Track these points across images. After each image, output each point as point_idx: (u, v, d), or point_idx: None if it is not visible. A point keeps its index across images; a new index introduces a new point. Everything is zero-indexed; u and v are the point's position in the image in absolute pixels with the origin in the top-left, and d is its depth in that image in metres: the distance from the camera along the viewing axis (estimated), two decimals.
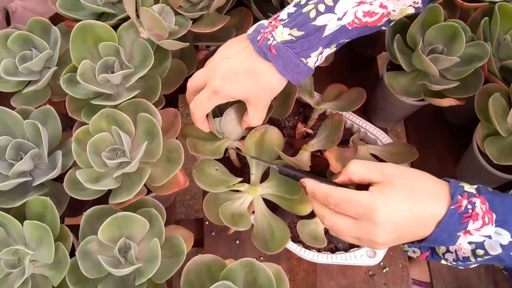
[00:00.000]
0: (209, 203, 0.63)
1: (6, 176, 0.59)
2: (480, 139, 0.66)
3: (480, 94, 0.65)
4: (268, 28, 0.55)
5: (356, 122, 0.73)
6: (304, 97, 0.72)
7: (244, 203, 0.64)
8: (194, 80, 0.60)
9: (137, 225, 0.57)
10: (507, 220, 0.48)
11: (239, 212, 0.62)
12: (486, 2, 0.69)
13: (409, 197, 0.48)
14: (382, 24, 0.58)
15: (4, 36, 0.66)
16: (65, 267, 0.55)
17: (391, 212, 0.47)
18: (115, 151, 0.59)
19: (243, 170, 0.72)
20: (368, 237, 0.49)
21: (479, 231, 0.48)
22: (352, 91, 0.72)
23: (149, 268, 0.54)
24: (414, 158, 0.67)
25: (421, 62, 0.64)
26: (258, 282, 0.53)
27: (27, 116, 0.63)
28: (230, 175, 0.66)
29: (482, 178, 0.73)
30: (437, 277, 0.76)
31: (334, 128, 0.68)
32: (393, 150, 0.69)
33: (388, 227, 0.47)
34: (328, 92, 0.74)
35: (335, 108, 0.71)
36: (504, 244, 0.48)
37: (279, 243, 0.61)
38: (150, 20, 0.60)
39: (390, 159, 0.68)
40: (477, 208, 0.47)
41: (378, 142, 0.72)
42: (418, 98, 0.70)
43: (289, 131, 0.75)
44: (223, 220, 0.60)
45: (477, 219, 0.47)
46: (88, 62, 0.62)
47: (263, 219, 0.63)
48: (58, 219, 0.57)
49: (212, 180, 0.64)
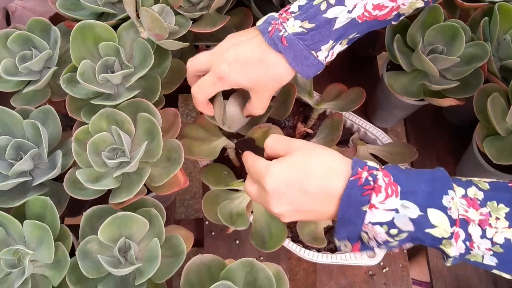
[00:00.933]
0: (208, 202, 0.63)
1: (6, 176, 0.59)
2: (480, 139, 0.66)
3: (479, 94, 0.65)
4: (279, 19, 0.55)
5: (356, 122, 0.73)
6: (303, 97, 0.73)
7: (243, 202, 0.64)
8: (195, 62, 0.59)
9: (137, 225, 0.57)
10: (413, 191, 0.45)
11: (238, 211, 0.63)
12: (486, 2, 0.69)
13: (300, 171, 0.48)
14: (391, 18, 0.58)
15: (4, 36, 0.66)
16: (65, 267, 0.55)
17: (278, 182, 0.48)
18: (115, 151, 0.59)
19: (243, 171, 0.73)
20: (265, 204, 0.50)
21: (384, 204, 0.45)
22: (352, 91, 0.72)
23: (149, 268, 0.54)
24: (413, 157, 0.67)
25: (421, 62, 0.65)
26: (258, 282, 0.53)
27: (27, 116, 0.63)
28: (232, 176, 0.66)
29: (482, 178, 0.73)
30: (437, 277, 0.76)
31: (334, 128, 0.68)
32: (392, 149, 0.69)
33: (276, 197, 0.48)
34: (327, 92, 0.74)
35: (334, 108, 0.71)
36: (413, 217, 0.44)
37: (276, 241, 0.62)
38: (150, 20, 0.60)
39: (389, 159, 0.68)
40: (380, 181, 0.45)
41: (378, 141, 0.72)
42: (418, 98, 0.70)
43: (289, 131, 0.75)
44: (222, 219, 0.60)
45: (380, 191, 0.45)
46: (88, 62, 0.62)
47: (261, 219, 0.64)
48: (58, 219, 0.57)
49: (215, 178, 0.65)
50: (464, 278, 0.75)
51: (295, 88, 0.67)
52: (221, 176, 0.68)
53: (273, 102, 0.70)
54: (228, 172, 0.68)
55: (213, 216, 0.62)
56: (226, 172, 0.68)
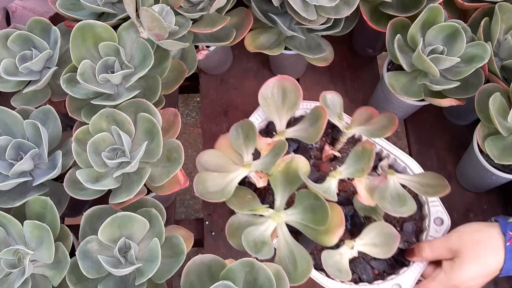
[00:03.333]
0: (232, 227, 0.62)
1: (6, 176, 0.59)
2: (481, 138, 0.66)
3: (480, 93, 0.65)
4: None
5: (386, 148, 0.70)
6: (333, 119, 0.69)
7: (268, 229, 0.61)
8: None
9: (137, 225, 0.57)
10: None
11: (262, 239, 0.60)
12: (486, 2, 0.69)
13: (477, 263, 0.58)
14: None
15: (4, 36, 0.66)
16: (65, 267, 0.55)
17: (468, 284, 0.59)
18: (115, 151, 0.59)
19: (267, 191, 0.70)
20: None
21: None
22: (383, 117, 0.69)
23: (149, 268, 0.54)
24: (445, 191, 0.63)
25: (421, 62, 0.64)
26: (258, 282, 0.52)
27: (27, 116, 0.63)
28: (256, 200, 0.65)
29: (482, 178, 0.73)
30: None
31: (365, 157, 0.65)
32: (423, 181, 0.66)
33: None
34: (357, 115, 0.71)
35: (365, 133, 0.68)
36: None
37: (302, 274, 0.59)
38: (150, 20, 0.60)
39: (421, 191, 0.64)
40: None
41: (408, 170, 0.69)
42: (418, 98, 0.70)
43: (315, 153, 0.72)
44: (246, 247, 0.58)
45: None
46: (88, 62, 0.62)
47: (286, 247, 0.61)
48: (58, 219, 0.57)
49: (240, 202, 0.64)
50: None
51: (325, 111, 0.65)
52: (245, 199, 0.65)
53: (301, 123, 0.69)
54: (252, 196, 0.65)
55: (237, 241, 0.60)
56: (251, 196, 0.65)
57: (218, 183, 0.64)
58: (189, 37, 0.71)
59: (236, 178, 0.65)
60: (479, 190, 0.79)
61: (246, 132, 0.67)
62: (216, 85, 0.89)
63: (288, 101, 0.69)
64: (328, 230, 0.59)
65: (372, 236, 0.62)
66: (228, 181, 0.64)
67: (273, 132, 0.71)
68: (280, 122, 0.70)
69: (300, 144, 0.71)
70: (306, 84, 0.88)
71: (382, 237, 0.62)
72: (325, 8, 0.68)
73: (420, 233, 0.67)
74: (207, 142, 0.85)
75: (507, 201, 0.79)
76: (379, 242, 0.62)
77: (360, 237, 0.62)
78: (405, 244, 0.65)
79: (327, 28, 0.71)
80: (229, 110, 0.87)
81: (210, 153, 0.67)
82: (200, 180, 0.63)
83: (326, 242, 0.59)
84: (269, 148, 0.66)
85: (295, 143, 0.71)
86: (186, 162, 0.61)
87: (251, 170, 0.65)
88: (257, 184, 0.65)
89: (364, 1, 0.72)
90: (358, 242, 0.62)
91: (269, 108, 0.69)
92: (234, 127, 0.68)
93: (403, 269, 0.64)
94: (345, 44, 0.90)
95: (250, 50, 0.74)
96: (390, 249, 0.61)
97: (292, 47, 0.73)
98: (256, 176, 0.65)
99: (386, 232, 0.62)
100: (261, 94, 0.69)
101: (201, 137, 0.86)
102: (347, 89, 0.88)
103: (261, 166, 0.65)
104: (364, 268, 0.64)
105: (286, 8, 0.68)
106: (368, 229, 0.62)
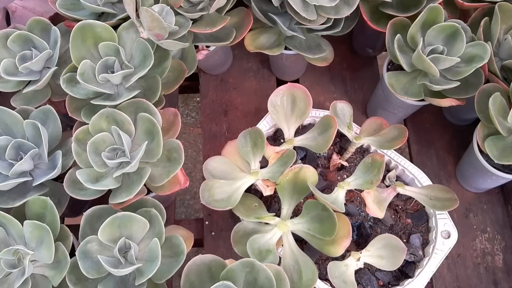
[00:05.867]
0: (237, 234, 0.62)
1: (6, 176, 0.59)
2: (481, 139, 0.66)
3: (480, 94, 0.65)
4: None
5: (394, 159, 0.69)
6: (342, 129, 0.69)
7: (273, 238, 0.61)
8: None
9: (137, 225, 0.57)
10: None
11: (267, 247, 0.60)
12: (486, 2, 0.69)
13: None
14: None
15: (4, 36, 0.66)
16: (65, 267, 0.55)
17: None
18: (115, 151, 0.59)
19: (273, 199, 0.69)
20: None
21: None
22: (393, 128, 0.68)
23: (149, 268, 0.54)
24: (454, 206, 0.62)
25: (421, 62, 0.64)
26: (258, 282, 0.52)
27: (27, 116, 0.63)
28: (263, 208, 0.64)
29: (482, 178, 0.73)
30: (437, 277, 0.76)
31: (374, 169, 0.64)
32: (431, 193, 0.65)
33: None
34: (367, 126, 0.70)
35: (374, 144, 0.68)
36: None
37: (306, 284, 0.58)
38: (150, 20, 0.60)
39: (428, 204, 0.64)
40: None
41: (416, 182, 0.68)
42: (418, 98, 0.70)
43: (323, 162, 0.72)
44: (250, 255, 0.58)
45: None
46: (88, 62, 0.62)
47: (291, 257, 0.61)
48: (58, 219, 0.57)
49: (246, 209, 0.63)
50: (464, 278, 0.75)
51: (335, 120, 0.64)
52: (251, 207, 0.64)
53: (310, 132, 0.68)
54: (259, 203, 0.65)
55: (242, 248, 0.60)
56: (257, 203, 0.65)
57: (225, 190, 0.64)
58: (189, 37, 0.71)
59: (243, 186, 0.64)
60: (479, 190, 0.79)
61: (254, 140, 0.67)
62: (216, 85, 0.89)
63: (298, 109, 0.69)
64: (335, 241, 0.59)
65: (378, 248, 0.62)
66: (235, 189, 0.64)
67: (281, 140, 0.71)
68: (289, 130, 0.69)
69: (308, 152, 0.71)
70: (306, 84, 0.87)
71: (389, 249, 0.61)
72: (325, 8, 0.68)
73: (427, 245, 0.66)
74: (207, 142, 0.85)
75: (507, 201, 0.79)
76: (385, 254, 0.61)
77: (366, 248, 0.62)
78: (411, 257, 0.64)
79: (327, 28, 0.71)
80: (229, 110, 0.87)
81: (217, 160, 0.67)
82: (206, 188, 0.63)
83: (332, 253, 0.59)
84: (277, 156, 0.66)
85: (302, 151, 0.71)
86: (186, 162, 0.61)
87: (258, 178, 0.65)
88: (264, 192, 0.65)
89: (364, 1, 0.72)
90: (364, 254, 0.62)
91: (278, 115, 0.69)
92: (242, 134, 0.67)
93: (408, 280, 0.63)
94: (345, 44, 0.91)
95: (250, 50, 0.74)
96: (396, 261, 0.60)
97: (292, 47, 0.73)
98: (263, 185, 0.64)
99: (393, 244, 0.61)
100: (271, 101, 0.69)
101: (201, 137, 0.86)
102: (347, 89, 0.88)
103: (268, 175, 0.65)
104: (369, 279, 0.64)
105: (286, 8, 0.68)
106: (374, 241, 0.62)
